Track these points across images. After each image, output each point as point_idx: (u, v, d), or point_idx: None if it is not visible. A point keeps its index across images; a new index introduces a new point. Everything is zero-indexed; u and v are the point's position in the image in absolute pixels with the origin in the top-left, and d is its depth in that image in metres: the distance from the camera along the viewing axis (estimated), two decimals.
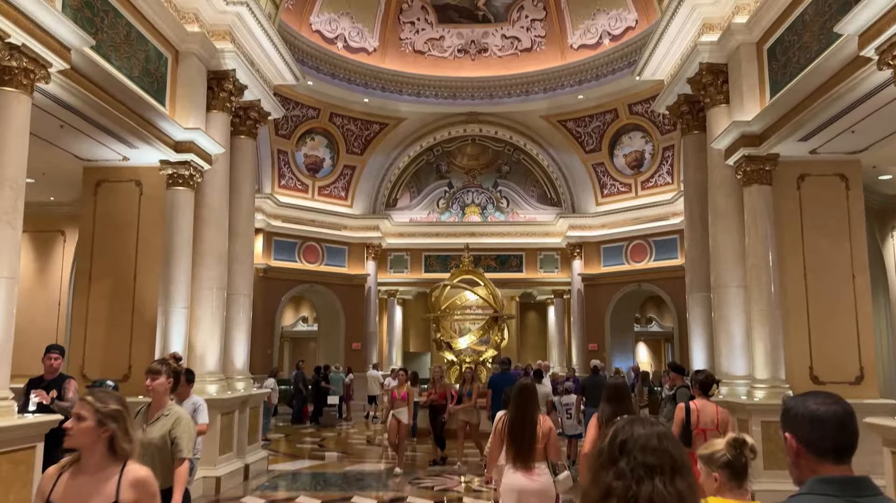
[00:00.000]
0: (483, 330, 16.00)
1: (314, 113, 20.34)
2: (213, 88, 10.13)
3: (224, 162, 10.27)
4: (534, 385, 5.15)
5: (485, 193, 22.67)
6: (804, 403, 1.86)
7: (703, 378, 6.27)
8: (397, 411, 10.96)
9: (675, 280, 19.43)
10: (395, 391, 11.16)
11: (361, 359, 21.12)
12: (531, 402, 4.82)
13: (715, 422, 5.64)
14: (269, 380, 14.22)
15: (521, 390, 4.88)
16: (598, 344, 20.95)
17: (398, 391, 11.10)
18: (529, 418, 4.71)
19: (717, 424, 5.63)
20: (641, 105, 19.83)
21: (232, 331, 10.71)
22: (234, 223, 10.80)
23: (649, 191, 20.31)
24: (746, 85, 9.28)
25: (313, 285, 20.58)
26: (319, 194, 21.02)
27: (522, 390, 4.88)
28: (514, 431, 4.69)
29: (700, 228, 10.76)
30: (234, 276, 10.74)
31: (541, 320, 26.25)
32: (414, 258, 22.36)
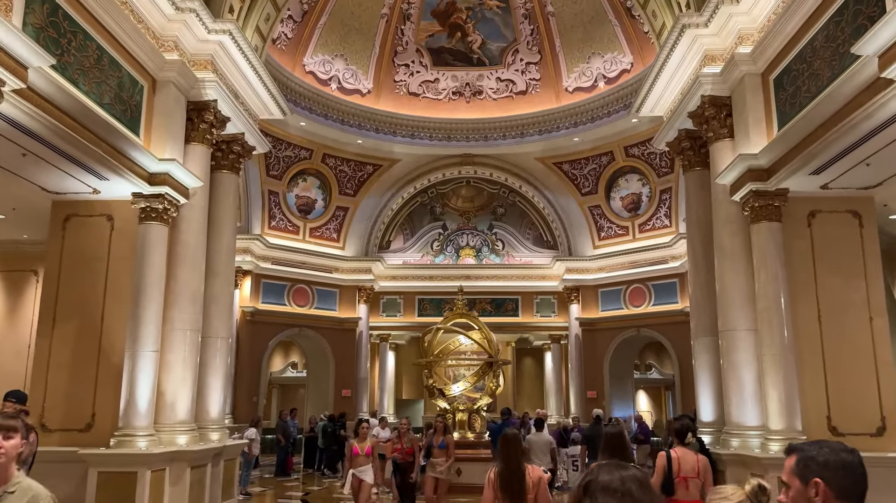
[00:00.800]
0: (477, 376, 15.17)
1: (307, 154, 19.88)
2: (193, 119, 9.59)
3: (203, 196, 9.65)
4: (518, 435, 5.06)
5: (480, 236, 22.09)
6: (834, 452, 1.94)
7: (680, 426, 6.19)
8: (359, 470, 8.88)
9: (676, 325, 18.74)
10: (357, 445, 9.07)
11: (351, 406, 20.18)
12: (516, 453, 4.79)
13: (696, 470, 5.64)
14: (250, 430, 13.33)
15: (506, 441, 4.85)
16: (597, 391, 20.08)
17: (360, 446, 9.07)
18: (516, 469, 4.68)
19: (697, 471, 5.64)
20: (638, 147, 19.42)
21: (207, 378, 9.91)
22: (213, 262, 10.12)
23: (647, 234, 19.74)
24: (752, 117, 8.75)
25: (302, 329, 19.78)
26: (311, 236, 20.40)
27: (507, 441, 4.85)
28: (503, 483, 4.66)
29: (704, 269, 10.11)
30: (211, 318, 10.01)
31: (537, 366, 25.36)
32: (407, 301, 21.63)
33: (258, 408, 18.81)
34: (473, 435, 14.88)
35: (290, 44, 18.38)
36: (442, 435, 10.03)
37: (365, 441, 9.12)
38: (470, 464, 13.58)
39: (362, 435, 9.14)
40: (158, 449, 8.45)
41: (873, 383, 8.55)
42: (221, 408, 10.17)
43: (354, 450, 9.01)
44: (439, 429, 10.10)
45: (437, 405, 15.45)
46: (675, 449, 5.86)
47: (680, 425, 6.18)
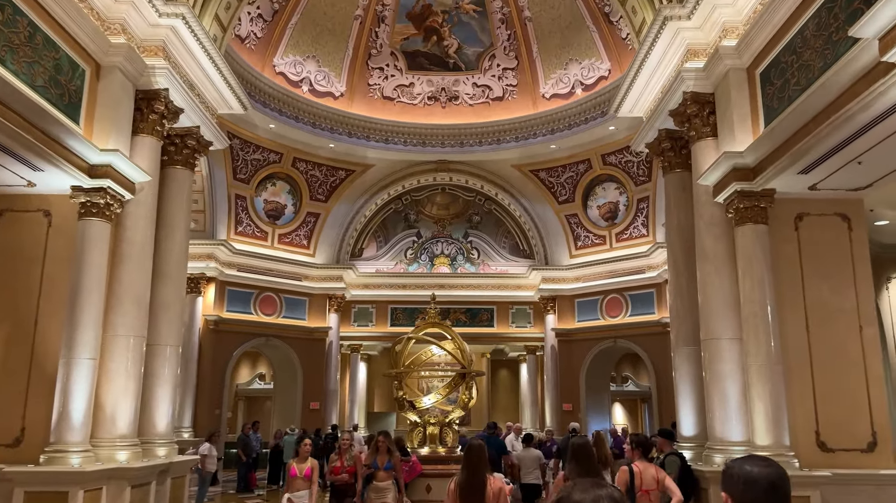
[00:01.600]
0: (450, 387, 14.44)
1: (276, 157, 19.12)
2: (142, 109, 8.84)
3: (151, 192, 8.88)
4: (482, 445, 5.03)
5: (455, 244, 21.44)
6: (741, 466, 2.01)
7: (641, 441, 6.41)
8: (296, 495, 7.41)
9: (653, 336, 18.24)
10: (295, 466, 7.54)
11: (320, 419, 19.31)
12: (480, 463, 4.77)
13: (656, 481, 5.77)
14: (204, 445, 12.46)
15: (470, 451, 4.85)
16: (573, 404, 19.45)
17: (298, 466, 7.51)
18: (479, 479, 4.67)
19: (657, 483, 5.77)
20: (615, 155, 18.96)
21: (154, 389, 9.10)
22: (163, 264, 9.33)
23: (624, 243, 19.24)
24: (737, 114, 8.23)
25: (269, 339, 18.92)
26: (280, 242, 19.59)
27: (471, 451, 4.84)
28: (464, 494, 4.65)
29: (685, 275, 9.55)
30: (160, 325, 9.21)
31: (513, 379, 24.69)
32: (380, 311, 20.87)
33: (221, 421, 17.88)
34: (445, 449, 14.13)
35: (260, 43, 17.66)
36: (386, 454, 8.30)
37: (305, 461, 7.52)
38: (441, 481, 12.84)
39: (303, 453, 7.60)
40: (94, 466, 7.63)
41: (864, 396, 8.02)
42: (170, 421, 9.34)
43: (292, 472, 7.50)
44: (381, 447, 8.27)
45: (408, 418, 14.69)
46: (636, 463, 5.96)
47: (640, 440, 6.41)
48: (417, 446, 14.22)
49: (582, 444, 5.32)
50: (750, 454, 2.10)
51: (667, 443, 8.44)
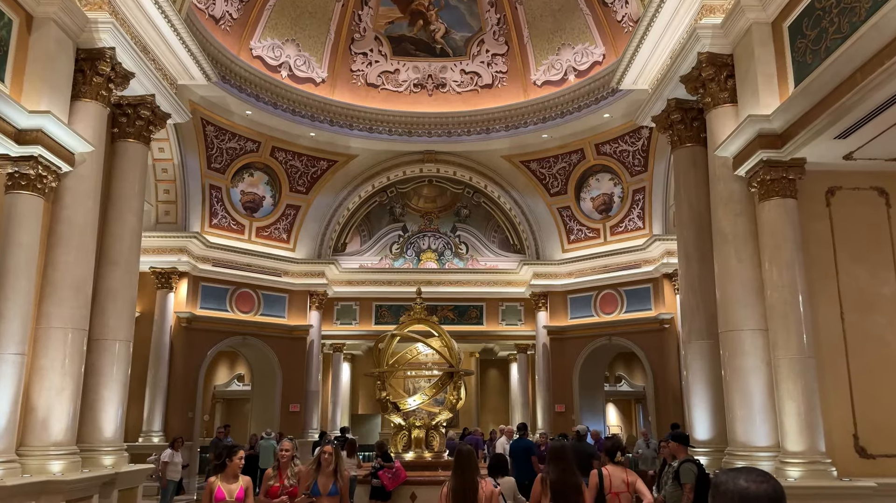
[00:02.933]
0: (436, 388, 13.30)
1: (253, 146, 17.89)
2: (85, 71, 7.64)
3: (95, 166, 7.68)
4: (472, 450, 5.03)
5: (442, 238, 20.30)
6: (735, 480, 1.83)
7: (611, 445, 6.30)
8: None
9: (650, 334, 17.19)
10: (221, 486, 5.46)
11: (300, 422, 18.08)
12: (470, 467, 4.73)
13: (626, 484, 5.72)
14: (166, 451, 11.22)
15: (460, 456, 4.83)
16: (566, 404, 18.34)
17: (226, 487, 5.46)
18: (470, 483, 4.62)
19: (627, 485, 5.71)
20: (610, 145, 17.91)
21: (99, 389, 7.89)
22: (112, 248, 8.15)
23: (619, 236, 18.17)
24: (761, 74, 7.15)
25: (247, 337, 17.65)
26: (257, 236, 18.35)
27: (461, 456, 4.82)
28: (456, 498, 4.61)
29: (698, 261, 8.48)
30: (107, 317, 8.01)
31: (502, 379, 23.56)
32: (364, 308, 19.67)
33: (195, 424, 16.61)
34: (431, 454, 12.98)
35: (236, 25, 16.45)
36: (331, 474, 5.67)
37: (236, 480, 5.49)
38: (427, 489, 11.71)
39: (231, 470, 5.50)
40: (18, 479, 6.42)
41: None
42: (119, 426, 8.13)
43: (218, 494, 5.38)
44: (325, 464, 5.68)
45: (392, 421, 13.55)
46: (606, 466, 5.94)
47: (611, 444, 6.33)
48: (402, 451, 13.08)
49: (560, 447, 5.36)
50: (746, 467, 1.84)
51: (681, 449, 7.34)
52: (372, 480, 11.40)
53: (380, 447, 11.74)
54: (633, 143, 17.54)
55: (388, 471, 11.45)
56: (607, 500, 5.70)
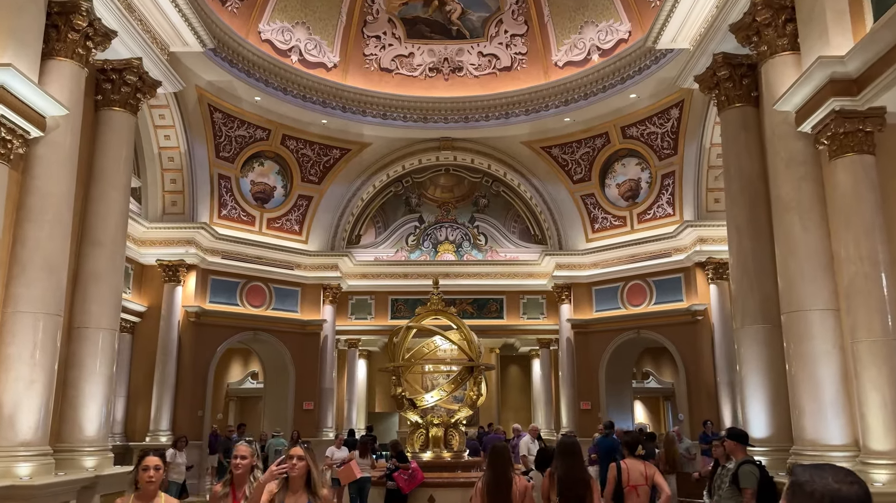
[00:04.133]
0: (456, 383, 12.30)
1: (263, 134, 17.02)
2: (59, 27, 6.75)
3: (71, 133, 6.78)
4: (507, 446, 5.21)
5: (460, 229, 19.28)
6: (823, 479, 1.57)
7: (631, 439, 6.10)
8: None
9: (682, 326, 16.03)
10: None
11: (314, 421, 17.17)
12: (504, 463, 4.77)
13: (644, 477, 5.59)
14: (168, 451, 10.32)
15: (494, 451, 4.93)
16: (591, 402, 17.23)
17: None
18: (503, 478, 4.64)
19: (646, 478, 5.58)
20: (636, 127, 16.78)
21: (80, 383, 6.99)
22: (95, 228, 7.26)
23: (647, 224, 17.03)
24: (831, 11, 6.06)
25: (258, 333, 16.77)
26: (268, 227, 17.48)
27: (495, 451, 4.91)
28: (490, 492, 4.63)
29: (750, 236, 7.39)
30: (89, 303, 7.12)
31: (523, 376, 22.51)
32: (379, 302, 18.72)
33: (203, 423, 15.76)
34: (450, 454, 11.98)
35: (243, 7, 15.57)
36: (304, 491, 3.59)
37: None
38: (446, 492, 10.72)
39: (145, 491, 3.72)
40: None
41: None
42: (103, 424, 7.22)
43: None
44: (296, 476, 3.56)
45: (408, 419, 12.57)
46: (624, 460, 5.82)
47: (630, 438, 6.18)
48: (419, 450, 12.09)
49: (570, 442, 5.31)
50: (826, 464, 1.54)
51: (739, 449, 6.25)
52: (387, 482, 10.44)
53: (394, 446, 10.77)
54: (661, 124, 16.40)
55: (404, 472, 10.47)
56: (625, 493, 5.68)
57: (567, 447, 5.11)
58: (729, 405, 14.70)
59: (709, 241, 15.40)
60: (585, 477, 4.84)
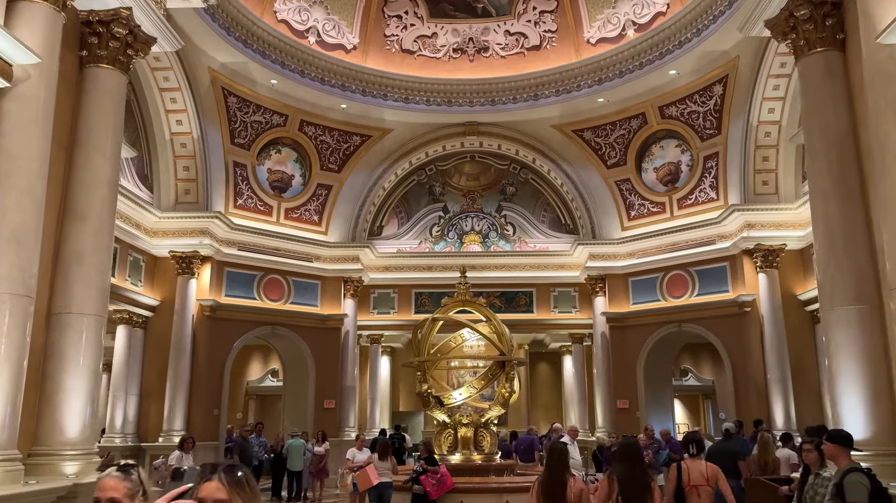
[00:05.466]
0: (486, 379, 11.17)
1: (280, 119, 16.07)
2: None
3: (45, 85, 5.79)
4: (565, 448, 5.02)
5: (486, 219, 18.15)
6: None
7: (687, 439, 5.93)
8: None
9: (727, 319, 14.70)
10: None
11: (335, 420, 16.15)
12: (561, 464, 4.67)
13: (705, 477, 5.45)
14: (174, 453, 9.34)
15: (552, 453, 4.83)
16: (629, 400, 15.98)
17: None
18: (559, 479, 4.54)
19: (706, 479, 5.44)
20: (676, 106, 15.50)
21: (59, 377, 6.01)
22: (79, 200, 6.29)
23: (688, 210, 15.73)
24: None
25: (276, 328, 15.80)
26: (286, 217, 16.51)
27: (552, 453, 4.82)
28: (545, 492, 4.53)
29: (839, 199, 6.20)
30: (70, 284, 6.14)
31: (553, 374, 21.28)
32: (402, 296, 17.66)
33: (220, 422, 14.83)
34: (481, 456, 10.87)
35: None
36: None
37: None
38: (477, 498, 9.62)
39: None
40: None
41: None
42: (88, 424, 6.22)
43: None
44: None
45: (435, 418, 11.48)
46: (684, 460, 5.68)
47: (688, 438, 5.96)
48: (447, 452, 10.99)
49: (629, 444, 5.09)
50: None
51: (842, 454, 5.05)
52: (413, 486, 9.35)
53: (427, 446, 9.68)
54: (703, 102, 15.12)
55: (432, 476, 9.38)
56: (685, 494, 5.59)
57: (628, 450, 4.90)
58: (781, 403, 13.39)
59: (757, 227, 14.10)
60: (646, 480, 4.64)
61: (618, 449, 5.06)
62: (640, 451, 5.13)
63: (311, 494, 13.58)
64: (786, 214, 14.01)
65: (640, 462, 4.81)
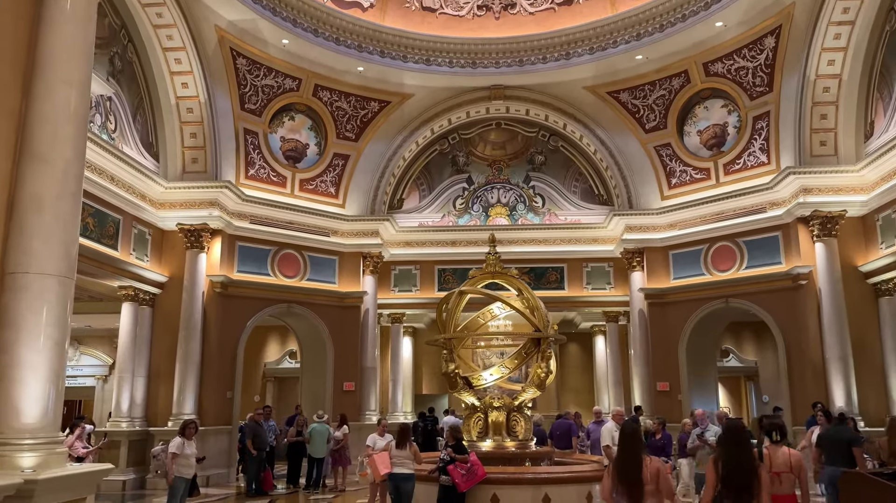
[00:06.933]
0: (519, 358, 9.92)
1: (293, 84, 14.83)
2: None
3: None
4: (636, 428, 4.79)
5: (514, 190, 16.80)
6: None
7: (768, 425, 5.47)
8: None
9: (780, 293, 13.24)
10: None
11: (355, 403, 15.03)
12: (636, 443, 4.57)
13: (788, 465, 5.12)
14: (175, 440, 8.21)
15: (624, 433, 4.68)
16: (669, 383, 14.63)
17: None
18: (633, 460, 4.43)
19: (790, 467, 5.12)
20: (722, 62, 13.99)
21: (15, 349, 4.82)
22: (37, 137, 5.07)
23: (735, 175, 14.24)
24: None
25: (291, 306, 14.67)
26: (301, 189, 15.32)
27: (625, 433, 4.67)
28: (619, 472, 4.44)
29: None
30: (28, 238, 4.94)
31: (584, 355, 19.97)
32: (424, 273, 16.42)
33: (234, 405, 13.77)
34: (514, 443, 9.64)
35: None
36: None
37: None
38: (512, 490, 8.39)
39: None
40: None
41: None
42: (50, 407, 5.03)
43: None
44: None
45: (463, 401, 10.25)
46: (767, 446, 5.33)
47: (769, 424, 5.49)
48: (477, 439, 9.77)
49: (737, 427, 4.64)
50: None
51: None
52: (440, 477, 8.14)
53: (454, 432, 8.47)
54: (752, 56, 13.59)
55: (462, 466, 8.16)
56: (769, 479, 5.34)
57: (734, 433, 4.60)
58: (841, 384, 11.98)
59: (814, 192, 12.61)
60: (753, 464, 4.34)
61: (725, 430, 4.77)
62: (748, 435, 4.65)
63: (332, 482, 12.47)
64: (846, 177, 12.50)
65: (747, 445, 4.47)
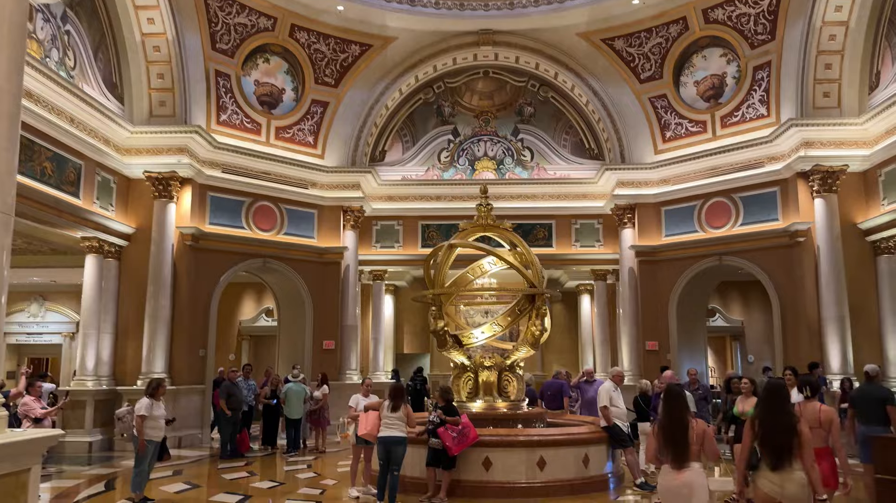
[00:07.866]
0: (513, 315, 9.32)
1: (268, 23, 13.72)
2: None
3: None
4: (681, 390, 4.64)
5: (501, 143, 16.01)
6: None
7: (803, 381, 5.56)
8: None
9: (776, 251, 12.79)
10: None
11: (335, 362, 14.41)
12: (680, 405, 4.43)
13: (818, 420, 5.13)
14: (142, 401, 7.46)
15: (668, 395, 4.51)
16: (658, 342, 14.23)
17: None
18: (679, 422, 4.33)
19: (819, 422, 5.14)
20: (723, 8, 13.21)
21: None
22: None
23: (733, 128, 13.63)
24: None
25: (268, 261, 13.86)
26: (277, 138, 14.35)
27: (669, 395, 4.51)
28: (665, 434, 4.36)
29: None
30: None
31: (569, 315, 19.55)
32: (408, 228, 15.66)
33: (206, 364, 13.04)
34: (506, 404, 9.11)
35: None
36: None
37: None
38: (505, 452, 7.89)
39: None
40: None
41: None
42: None
43: None
44: None
45: (452, 359, 9.67)
46: (799, 402, 5.31)
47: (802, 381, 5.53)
48: (467, 399, 9.25)
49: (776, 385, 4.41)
50: None
51: None
52: (430, 439, 7.58)
53: (444, 393, 7.88)
54: (755, 2, 12.84)
55: (453, 428, 7.60)
56: None
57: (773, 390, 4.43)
58: (837, 344, 11.65)
59: (816, 145, 12.06)
60: (793, 422, 4.14)
61: (764, 389, 4.53)
62: (788, 394, 4.46)
63: (312, 444, 11.89)
64: (849, 131, 11.97)
65: (786, 402, 4.32)
